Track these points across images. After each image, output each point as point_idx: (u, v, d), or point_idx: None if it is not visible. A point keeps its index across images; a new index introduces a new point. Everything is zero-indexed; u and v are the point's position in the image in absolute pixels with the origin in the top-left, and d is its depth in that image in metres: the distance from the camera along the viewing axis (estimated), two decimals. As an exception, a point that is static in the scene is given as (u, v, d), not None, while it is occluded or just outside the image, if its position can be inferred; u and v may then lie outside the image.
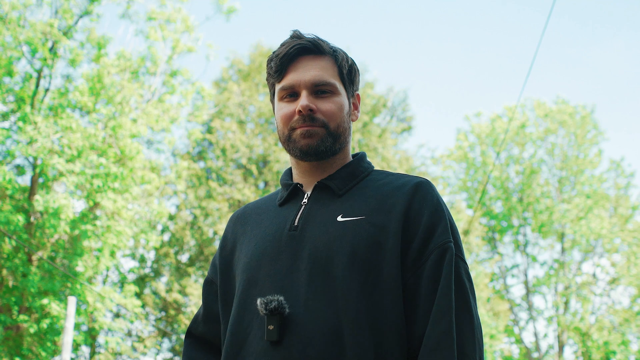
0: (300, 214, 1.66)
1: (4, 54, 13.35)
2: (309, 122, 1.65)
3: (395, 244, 1.54)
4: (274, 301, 1.50)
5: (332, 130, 1.67)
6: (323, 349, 1.47)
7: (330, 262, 1.54)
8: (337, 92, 1.69)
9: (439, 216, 1.58)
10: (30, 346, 12.98)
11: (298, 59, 1.69)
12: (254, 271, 1.63)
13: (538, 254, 24.53)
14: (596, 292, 23.50)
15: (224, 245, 1.83)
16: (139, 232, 14.52)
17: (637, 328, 22.62)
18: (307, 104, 1.64)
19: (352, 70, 1.75)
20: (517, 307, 24.43)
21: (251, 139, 19.54)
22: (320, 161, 1.70)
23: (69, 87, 14.62)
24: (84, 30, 14.62)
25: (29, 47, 13.68)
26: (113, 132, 13.74)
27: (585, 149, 24.33)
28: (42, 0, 14.08)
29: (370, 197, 1.64)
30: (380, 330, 1.49)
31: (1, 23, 13.27)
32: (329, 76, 1.69)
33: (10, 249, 12.97)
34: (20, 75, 14.16)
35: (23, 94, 13.78)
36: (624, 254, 23.46)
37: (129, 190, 13.47)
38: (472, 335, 1.49)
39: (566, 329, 22.83)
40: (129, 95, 14.19)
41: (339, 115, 1.68)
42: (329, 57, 1.72)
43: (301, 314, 1.51)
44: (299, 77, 1.67)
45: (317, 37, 1.71)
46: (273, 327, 1.50)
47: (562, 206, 23.39)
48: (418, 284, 1.53)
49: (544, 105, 24.74)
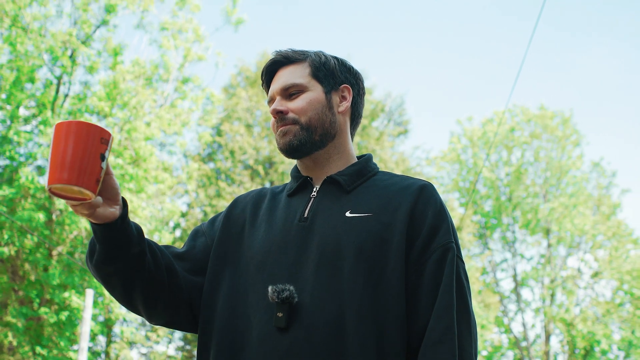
0: (310, 206, 1.63)
1: (26, 62, 13.31)
2: (282, 122, 1.66)
3: (400, 242, 1.52)
4: (286, 290, 1.48)
5: (304, 124, 1.65)
6: (327, 337, 1.45)
7: (338, 255, 1.52)
8: (306, 90, 1.68)
9: (442, 218, 1.57)
10: (50, 336, 12.92)
11: (275, 73, 1.73)
12: (262, 256, 1.59)
13: (526, 249, 24.52)
14: (580, 285, 23.49)
15: (233, 213, 1.77)
16: (152, 229, 14.43)
17: (619, 319, 22.62)
18: (273, 108, 1.67)
19: (327, 66, 1.72)
20: (506, 299, 24.37)
21: (258, 141, 19.50)
22: (311, 156, 1.68)
23: (87, 93, 14.62)
24: (101, 39, 14.60)
25: (49, 56, 13.69)
26: (128, 135, 13.69)
27: (568, 151, 24.33)
28: (62, 11, 14.09)
29: (377, 195, 1.61)
30: (382, 322, 1.47)
31: (23, 33, 13.28)
32: (296, 78, 1.69)
33: (32, 245, 12.89)
34: (41, 82, 14.15)
35: (44, 100, 13.73)
36: (606, 249, 23.49)
37: (143, 189, 13.43)
38: (469, 332, 1.49)
39: (552, 320, 22.79)
40: (143, 100, 14.14)
41: (310, 108, 1.66)
42: (300, 62, 1.71)
43: (308, 303, 1.48)
44: (274, 87, 1.71)
45: (290, 49, 1.73)
46: (282, 315, 1.47)
47: (548, 205, 23.38)
48: (420, 280, 1.51)
49: (527, 111, 24.75)
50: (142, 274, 1.54)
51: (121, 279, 1.53)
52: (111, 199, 1.44)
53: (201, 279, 1.67)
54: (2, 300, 13.38)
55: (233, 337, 1.54)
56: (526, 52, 5.76)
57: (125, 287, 1.56)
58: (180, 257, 1.68)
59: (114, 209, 1.45)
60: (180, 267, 1.66)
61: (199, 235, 1.75)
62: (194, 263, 1.69)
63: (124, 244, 1.49)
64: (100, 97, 13.85)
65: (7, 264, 13.22)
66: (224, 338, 1.55)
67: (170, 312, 1.64)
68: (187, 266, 1.67)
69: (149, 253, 1.56)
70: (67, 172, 1.29)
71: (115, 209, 1.45)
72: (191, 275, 1.67)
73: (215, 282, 1.65)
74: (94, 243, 1.51)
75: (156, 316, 1.65)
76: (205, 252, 1.70)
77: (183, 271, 1.65)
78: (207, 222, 1.80)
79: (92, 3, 14.08)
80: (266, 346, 1.48)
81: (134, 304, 1.61)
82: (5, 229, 12.61)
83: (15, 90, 13.16)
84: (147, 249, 1.55)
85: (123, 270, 1.52)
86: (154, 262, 1.56)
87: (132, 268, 1.52)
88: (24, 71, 13.23)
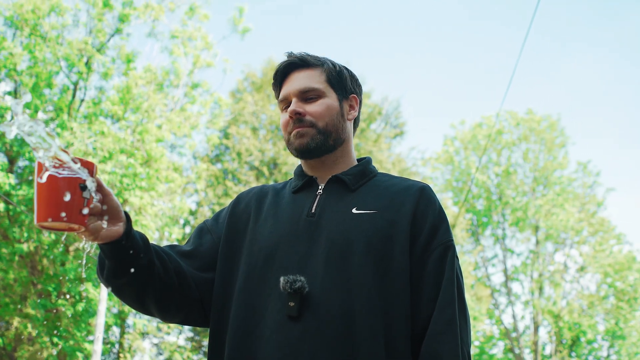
0: (317, 202, 1.63)
1: (45, 68, 13.29)
2: (299, 124, 1.65)
3: (404, 238, 1.54)
4: (298, 281, 1.47)
5: (321, 128, 1.65)
6: (337, 325, 1.45)
7: (347, 249, 1.52)
8: (323, 95, 1.68)
9: (441, 218, 1.60)
10: (67, 327, 12.87)
11: (289, 74, 1.71)
12: (271, 249, 1.58)
13: (515, 245, 24.46)
14: (567, 279, 23.47)
15: (237, 209, 1.76)
16: (163, 226, 14.39)
17: (603, 311, 22.59)
18: (293, 109, 1.65)
19: (342, 76, 1.73)
20: (497, 293, 24.31)
21: (263, 143, 19.47)
22: (321, 158, 1.69)
23: (101, 98, 14.58)
24: (115, 47, 14.55)
25: (66, 63, 13.65)
26: (140, 137, 13.66)
27: (555, 152, 24.27)
28: (78, 21, 14.06)
29: (380, 195, 1.63)
30: (389, 313, 1.48)
31: (42, 41, 13.27)
32: (314, 83, 1.68)
33: (50, 241, 12.83)
34: (58, 88, 14.13)
35: (61, 104, 13.71)
36: (590, 245, 23.46)
37: (155, 188, 13.40)
38: (465, 323, 1.52)
39: (541, 312, 22.74)
40: (154, 104, 14.12)
41: (327, 114, 1.67)
42: (316, 68, 1.71)
43: (318, 294, 1.48)
44: (289, 88, 1.69)
45: (305, 53, 1.72)
46: (294, 305, 1.46)
47: (536, 203, 23.31)
48: (423, 274, 1.53)
49: (516, 115, 24.73)
50: (152, 281, 1.52)
51: (133, 289, 1.52)
52: (114, 217, 1.41)
53: (210, 275, 1.65)
54: (22, 293, 13.35)
55: (246, 326, 1.52)
56: (517, 61, 5.72)
57: (137, 295, 1.54)
58: (187, 256, 1.67)
59: (118, 226, 1.42)
60: (189, 265, 1.65)
61: (205, 233, 1.73)
62: (202, 260, 1.67)
63: (132, 257, 1.46)
64: (114, 101, 13.84)
65: (27, 259, 13.19)
66: (237, 327, 1.53)
67: (184, 311, 1.63)
68: (195, 264, 1.66)
69: (157, 260, 1.54)
70: (47, 210, 1.27)
71: (119, 226, 1.42)
72: (200, 272, 1.65)
73: (226, 275, 1.63)
74: (103, 258, 1.48)
75: (170, 317, 1.63)
76: (212, 248, 1.69)
77: (191, 269, 1.64)
78: (211, 220, 1.78)
79: (107, 13, 14.06)
80: (279, 334, 1.47)
81: (148, 309, 1.59)
82: (24, 226, 12.59)
83: (34, 95, 13.13)
84: (155, 256, 1.53)
85: (133, 281, 1.50)
86: (162, 268, 1.54)
87: (142, 277, 1.50)
88: (43, 77, 13.22)
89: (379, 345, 1.44)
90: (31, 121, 1.25)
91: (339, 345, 1.43)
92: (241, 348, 1.50)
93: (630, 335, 22.03)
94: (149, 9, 14.37)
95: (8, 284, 13.30)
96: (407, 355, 1.47)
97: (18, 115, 1.24)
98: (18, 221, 12.72)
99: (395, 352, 1.46)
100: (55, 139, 1.28)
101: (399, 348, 1.46)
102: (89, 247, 1.40)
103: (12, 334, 13.89)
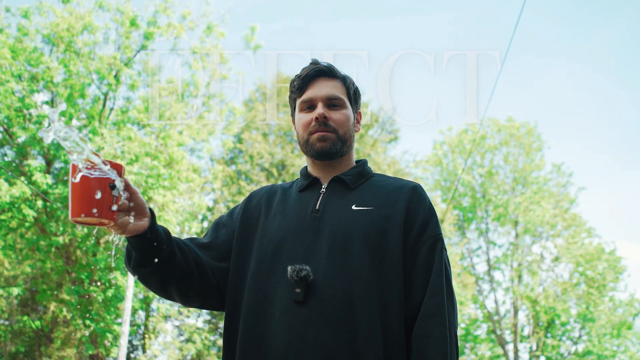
0: (320, 200, 1.63)
1: (78, 80, 13.29)
2: (324, 127, 1.63)
3: (398, 232, 1.54)
4: (303, 270, 1.47)
5: (341, 136, 1.66)
6: (339, 309, 1.45)
7: (347, 241, 1.52)
8: (345, 106, 1.69)
9: (431, 213, 1.60)
10: (98, 311, 12.87)
11: (316, 79, 1.69)
12: (280, 241, 1.58)
13: (497, 238, 24.40)
14: (543, 268, 23.38)
15: (249, 206, 1.74)
16: (183, 221, 14.39)
17: (575, 296, 22.54)
18: (322, 112, 1.64)
19: (357, 93, 1.76)
20: (481, 280, 24.25)
21: (273, 147, 19.45)
22: (331, 161, 1.68)
23: (129, 107, 14.57)
24: (140, 61, 14.55)
25: (97, 75, 13.65)
26: (163, 141, 13.66)
27: (532, 155, 24.22)
28: (108, 38, 14.06)
29: (377, 193, 1.63)
30: (385, 299, 1.48)
31: (76, 56, 13.27)
32: (340, 93, 1.68)
33: (83, 234, 12.84)
34: (90, 98, 14.11)
35: (93, 112, 13.70)
36: (564, 238, 23.39)
37: (176, 187, 13.40)
38: (453, 307, 1.52)
39: (520, 297, 22.68)
40: (176, 112, 14.10)
41: (347, 124, 1.67)
42: (339, 80, 1.71)
43: (321, 281, 1.48)
44: (316, 92, 1.67)
45: (331, 65, 1.73)
46: (300, 291, 1.47)
47: (515, 200, 23.26)
48: (415, 264, 1.53)
49: (497, 122, 24.70)
50: (174, 270, 1.52)
51: (157, 277, 1.52)
52: (140, 213, 1.41)
53: (225, 264, 1.65)
54: (58, 281, 13.36)
55: (258, 309, 1.52)
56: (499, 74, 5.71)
57: (161, 283, 1.54)
58: (205, 247, 1.66)
59: (143, 221, 1.42)
60: (207, 255, 1.64)
61: (220, 227, 1.73)
62: (219, 251, 1.67)
63: (156, 248, 1.46)
64: (139, 110, 13.84)
65: (62, 251, 13.20)
66: (250, 311, 1.53)
67: (202, 296, 1.62)
68: (212, 255, 1.65)
69: (178, 251, 1.53)
70: (81, 206, 1.27)
71: (145, 221, 1.42)
72: (217, 262, 1.65)
73: (240, 265, 1.63)
74: (130, 250, 1.48)
75: (190, 302, 1.63)
76: (227, 241, 1.69)
77: (209, 259, 1.64)
78: (226, 215, 1.77)
79: (133, 31, 14.05)
80: (287, 317, 1.47)
81: (170, 294, 1.59)
82: (60, 221, 12.60)
83: (68, 105, 13.15)
84: (176, 248, 1.53)
85: (157, 270, 1.50)
86: (183, 258, 1.54)
87: (165, 266, 1.50)
88: (76, 88, 13.22)
89: (376, 327, 1.45)
90: (66, 127, 1.26)
91: (341, 327, 1.44)
92: (253, 329, 1.51)
93: (599, 318, 21.99)
94: (171, 28, 14.36)
95: (45, 272, 13.31)
96: (401, 336, 1.48)
97: (54, 122, 1.24)
98: (54, 216, 12.73)
99: (390, 334, 1.46)
100: (87, 144, 1.28)
101: (394, 330, 1.47)
102: (117, 239, 1.41)
103: (49, 317, 13.92)
